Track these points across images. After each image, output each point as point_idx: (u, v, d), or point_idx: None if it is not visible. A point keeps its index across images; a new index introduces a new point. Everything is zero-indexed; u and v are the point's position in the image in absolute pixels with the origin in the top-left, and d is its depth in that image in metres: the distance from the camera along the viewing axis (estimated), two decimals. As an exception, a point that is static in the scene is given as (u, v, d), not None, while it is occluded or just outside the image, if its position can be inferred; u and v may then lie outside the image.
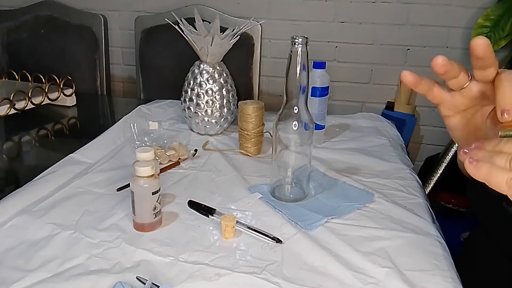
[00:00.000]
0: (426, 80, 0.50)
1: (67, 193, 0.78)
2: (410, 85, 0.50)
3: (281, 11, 1.61)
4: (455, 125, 0.54)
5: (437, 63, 0.46)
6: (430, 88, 0.51)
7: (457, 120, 0.53)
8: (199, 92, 1.03)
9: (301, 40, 0.69)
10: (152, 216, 0.66)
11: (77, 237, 0.65)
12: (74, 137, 1.16)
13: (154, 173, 0.65)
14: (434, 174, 1.55)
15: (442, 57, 0.46)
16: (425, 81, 0.50)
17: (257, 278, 0.57)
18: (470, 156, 0.41)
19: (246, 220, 0.70)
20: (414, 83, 0.50)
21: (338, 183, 0.84)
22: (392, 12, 1.54)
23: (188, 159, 0.94)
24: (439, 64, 0.46)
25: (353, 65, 1.63)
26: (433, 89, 0.51)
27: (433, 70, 0.47)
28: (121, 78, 1.83)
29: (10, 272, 0.57)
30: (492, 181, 0.39)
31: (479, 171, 0.40)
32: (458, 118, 0.53)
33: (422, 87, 0.51)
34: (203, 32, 0.99)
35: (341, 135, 1.12)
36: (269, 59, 1.67)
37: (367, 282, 0.57)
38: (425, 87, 0.51)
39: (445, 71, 0.47)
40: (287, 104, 0.74)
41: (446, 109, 0.52)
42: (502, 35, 1.40)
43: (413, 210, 0.75)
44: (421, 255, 0.63)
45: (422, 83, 0.50)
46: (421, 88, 0.51)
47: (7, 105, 1.11)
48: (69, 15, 1.61)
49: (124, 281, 0.54)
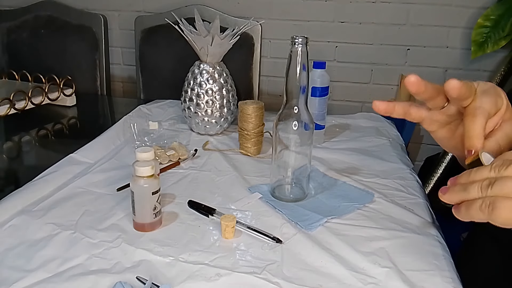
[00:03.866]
0: (401, 104, 0.51)
1: (67, 193, 0.78)
2: (384, 113, 0.51)
3: (281, 11, 1.61)
4: (442, 138, 0.55)
5: (409, 81, 0.47)
6: (407, 111, 0.52)
7: (442, 133, 0.54)
8: (199, 92, 1.03)
9: (301, 40, 0.69)
10: (152, 216, 0.66)
11: (77, 237, 0.65)
12: (74, 137, 1.16)
13: (154, 173, 0.65)
14: (434, 174, 1.55)
15: (414, 76, 0.47)
16: (399, 105, 0.51)
17: (257, 278, 0.57)
18: (447, 194, 0.43)
19: (246, 220, 0.70)
20: (387, 110, 0.51)
21: (338, 183, 0.84)
22: (392, 12, 1.54)
23: (188, 159, 0.94)
24: (411, 82, 0.47)
25: (353, 65, 1.63)
26: (410, 111, 0.52)
27: (407, 88, 0.48)
28: (121, 78, 1.83)
29: (10, 272, 0.57)
30: (469, 212, 0.41)
31: (451, 198, 0.43)
32: (444, 132, 0.54)
33: (398, 111, 0.52)
34: (203, 32, 0.99)
35: (341, 135, 1.12)
36: (269, 59, 1.67)
37: (367, 282, 0.57)
38: (401, 110, 0.52)
39: (417, 90, 0.48)
40: (287, 104, 0.74)
41: (429, 126, 0.53)
42: (502, 35, 1.40)
43: (413, 210, 0.75)
44: (421, 255, 0.63)
45: (396, 108, 0.51)
46: (397, 112, 0.52)
47: (7, 105, 1.11)
48: (69, 15, 1.61)
49: (124, 281, 0.54)
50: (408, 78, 0.47)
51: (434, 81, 0.48)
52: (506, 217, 0.39)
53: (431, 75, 1.56)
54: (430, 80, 0.48)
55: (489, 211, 0.40)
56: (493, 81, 1.47)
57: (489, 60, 1.52)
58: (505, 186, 0.39)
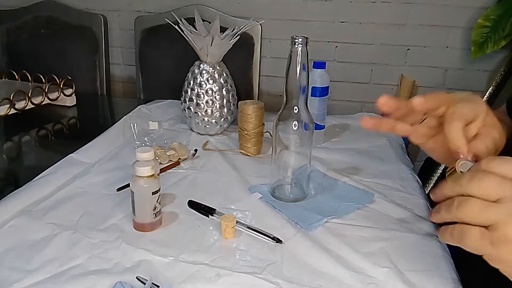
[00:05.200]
0: (386, 121, 0.53)
1: (67, 193, 0.78)
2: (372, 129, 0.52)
3: (281, 11, 1.61)
4: (431, 149, 0.56)
5: (379, 102, 0.49)
6: (393, 127, 0.53)
7: (430, 145, 0.55)
8: (199, 92, 1.03)
9: (301, 40, 0.69)
10: (152, 216, 0.66)
11: (77, 237, 0.65)
12: (74, 137, 1.16)
13: (154, 173, 0.65)
14: (434, 174, 1.55)
15: (384, 97, 0.49)
16: (386, 121, 0.53)
17: (257, 278, 0.57)
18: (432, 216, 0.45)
19: (246, 220, 0.70)
20: (375, 126, 0.52)
21: (338, 183, 0.84)
22: (392, 12, 1.54)
23: (188, 159, 0.94)
24: (381, 103, 0.49)
25: (353, 65, 1.63)
26: (395, 127, 0.53)
27: (379, 109, 0.49)
28: (121, 78, 1.83)
29: (10, 272, 0.57)
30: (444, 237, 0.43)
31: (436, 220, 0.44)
32: (431, 143, 0.55)
33: (385, 127, 0.53)
34: (203, 32, 0.99)
35: (341, 135, 1.12)
36: (269, 59, 1.67)
37: (367, 282, 0.57)
38: (388, 125, 0.53)
39: (388, 109, 0.50)
40: (287, 104, 0.74)
41: (416, 139, 0.55)
42: (502, 35, 1.40)
43: (413, 210, 0.75)
44: (421, 255, 0.63)
45: (383, 125, 0.53)
46: (385, 128, 0.53)
47: (7, 105, 1.11)
48: (69, 15, 1.61)
49: (124, 281, 0.54)
50: (378, 100, 0.49)
51: (434, 81, 0.49)
52: (473, 246, 0.40)
53: (431, 75, 1.56)
54: (430, 80, 0.49)
55: (459, 240, 0.41)
56: (493, 81, 1.47)
57: (489, 60, 1.52)
58: (469, 209, 0.40)
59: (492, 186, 0.39)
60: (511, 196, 0.38)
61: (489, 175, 0.40)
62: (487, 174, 0.40)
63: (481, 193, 0.39)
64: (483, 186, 0.39)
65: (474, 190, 0.40)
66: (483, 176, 0.40)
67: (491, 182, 0.39)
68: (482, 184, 0.40)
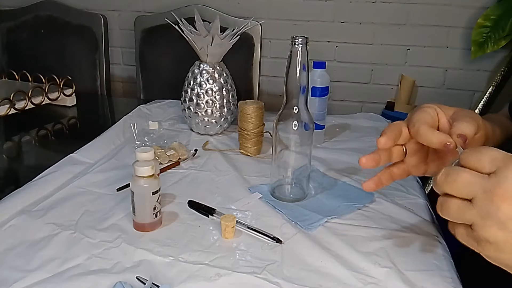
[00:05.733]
0: (384, 176, 0.56)
1: (67, 193, 0.78)
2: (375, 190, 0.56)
3: (281, 11, 1.61)
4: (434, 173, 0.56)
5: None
6: (391, 176, 0.57)
7: (432, 169, 0.57)
8: (199, 92, 1.03)
9: (301, 40, 0.69)
10: (152, 216, 0.66)
11: (77, 237, 0.65)
12: (74, 137, 1.16)
13: (154, 173, 0.65)
14: (434, 174, 1.55)
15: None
16: (384, 177, 0.56)
17: (257, 278, 0.57)
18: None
19: (246, 220, 0.70)
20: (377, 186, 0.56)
21: (338, 183, 0.84)
22: (392, 12, 1.54)
23: (188, 159, 0.94)
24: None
25: (353, 65, 1.63)
26: (393, 176, 0.57)
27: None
28: (121, 78, 1.83)
29: (10, 272, 0.57)
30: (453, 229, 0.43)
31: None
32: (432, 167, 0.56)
33: (385, 183, 0.56)
34: (203, 32, 0.99)
35: (341, 135, 1.12)
36: (269, 59, 1.67)
37: (367, 282, 0.57)
38: (387, 178, 0.57)
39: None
40: (287, 104, 0.74)
41: (417, 171, 0.57)
42: (502, 35, 1.40)
43: (413, 210, 0.75)
44: (421, 255, 0.63)
45: (383, 182, 0.56)
46: (385, 183, 0.56)
47: (7, 105, 1.11)
48: (69, 15, 1.61)
49: (124, 281, 0.54)
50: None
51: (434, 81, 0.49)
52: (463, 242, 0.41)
53: (431, 75, 1.57)
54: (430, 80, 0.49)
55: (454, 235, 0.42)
56: (493, 81, 1.47)
57: (489, 60, 1.52)
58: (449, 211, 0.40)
59: (464, 187, 0.38)
60: (482, 196, 0.37)
61: (461, 174, 0.38)
62: (460, 173, 0.38)
63: (456, 192, 0.39)
64: (455, 187, 0.39)
65: (449, 190, 0.39)
66: (456, 176, 0.38)
67: (463, 181, 0.38)
68: (454, 184, 0.39)
